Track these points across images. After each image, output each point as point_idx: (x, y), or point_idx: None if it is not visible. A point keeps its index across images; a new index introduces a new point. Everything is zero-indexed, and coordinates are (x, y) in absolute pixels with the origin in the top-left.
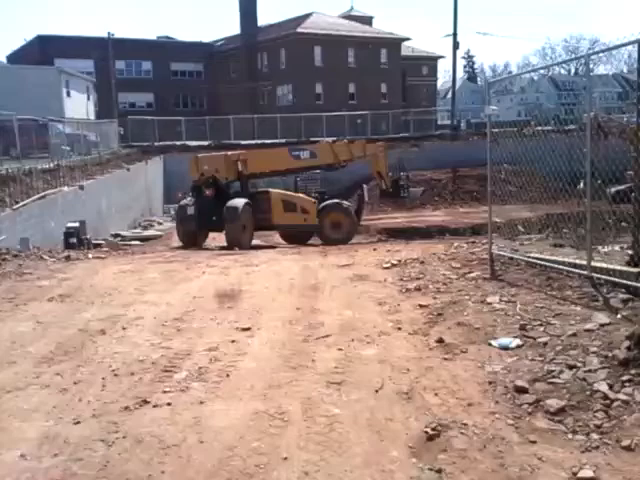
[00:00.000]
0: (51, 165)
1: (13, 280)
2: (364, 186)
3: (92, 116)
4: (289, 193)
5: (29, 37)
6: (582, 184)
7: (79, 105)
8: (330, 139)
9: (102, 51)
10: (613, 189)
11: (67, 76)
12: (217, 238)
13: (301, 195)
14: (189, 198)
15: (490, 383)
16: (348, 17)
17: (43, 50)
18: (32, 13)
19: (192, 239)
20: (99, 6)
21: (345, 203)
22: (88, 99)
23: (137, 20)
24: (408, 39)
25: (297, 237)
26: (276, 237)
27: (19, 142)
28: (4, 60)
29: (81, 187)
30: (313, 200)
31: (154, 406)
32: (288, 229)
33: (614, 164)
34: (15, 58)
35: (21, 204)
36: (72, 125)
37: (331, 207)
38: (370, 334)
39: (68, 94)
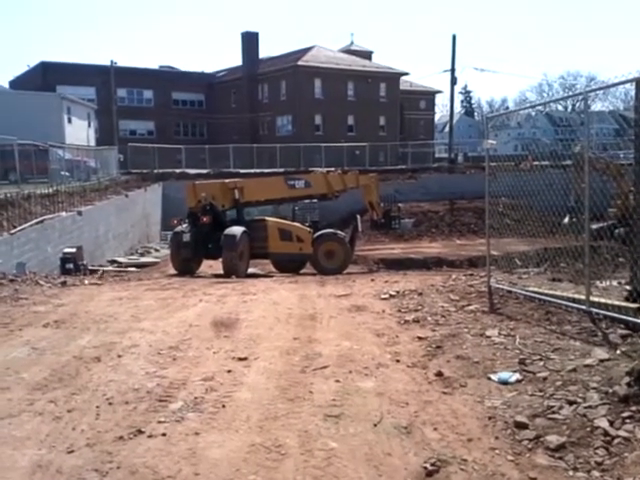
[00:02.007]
0: (50, 190)
1: (9, 305)
2: (358, 217)
3: (92, 142)
4: (285, 222)
5: (32, 63)
6: (567, 219)
7: (80, 131)
8: (325, 169)
9: (104, 79)
10: (595, 226)
11: (68, 103)
12: (214, 265)
13: (296, 224)
14: (185, 225)
15: (490, 418)
16: (348, 51)
17: (46, 77)
18: (35, 40)
19: (187, 266)
20: (103, 35)
21: (340, 233)
22: (89, 126)
23: (140, 49)
24: (406, 74)
25: (290, 266)
26: (269, 265)
27: (19, 167)
28: (7, 86)
29: (79, 213)
30: (308, 229)
31: (149, 436)
32: (284, 258)
33: (597, 200)
34: (18, 84)
35: (19, 229)
36: (72, 151)
37: (326, 236)
38: (368, 366)
39: (69, 120)
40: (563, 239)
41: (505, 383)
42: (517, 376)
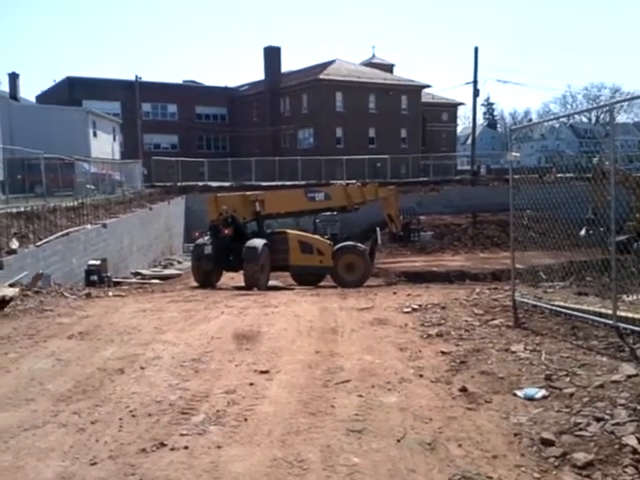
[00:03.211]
0: (75, 203)
1: (34, 316)
2: (377, 229)
3: (117, 156)
4: (306, 234)
5: (58, 78)
6: (584, 231)
7: (105, 145)
8: (344, 182)
9: (129, 93)
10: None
11: (94, 117)
12: (235, 278)
13: (317, 237)
14: (206, 237)
15: (515, 435)
16: (370, 65)
17: (72, 91)
18: (62, 55)
19: (208, 278)
20: (128, 50)
21: (360, 245)
22: (114, 139)
23: (164, 65)
24: (428, 86)
25: (309, 278)
26: (289, 277)
27: (45, 180)
28: (33, 100)
29: (104, 225)
30: (329, 242)
31: (171, 449)
32: (304, 271)
33: (616, 213)
34: (44, 98)
35: (44, 241)
36: (97, 164)
37: (346, 249)
38: (391, 381)
39: (95, 134)
40: (589, 252)
41: (531, 399)
42: (543, 392)
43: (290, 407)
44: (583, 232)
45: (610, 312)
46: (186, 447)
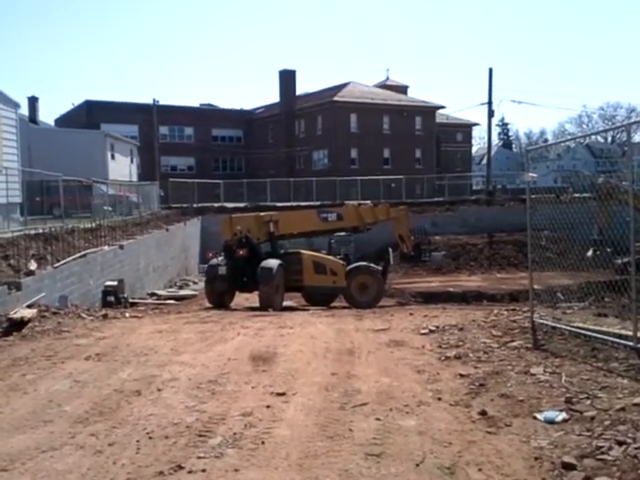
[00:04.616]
0: (93, 225)
1: (52, 337)
2: (390, 250)
3: (135, 178)
4: (319, 255)
5: (77, 102)
6: (590, 252)
7: (123, 167)
8: (356, 202)
9: (146, 117)
10: (621, 260)
11: (112, 140)
12: (250, 298)
13: (330, 257)
14: (220, 258)
15: (536, 459)
16: (384, 86)
17: (90, 115)
18: (80, 79)
19: (222, 299)
20: (145, 74)
21: (373, 266)
22: (131, 162)
23: (182, 88)
24: (442, 107)
25: (320, 299)
26: (301, 298)
27: (63, 202)
28: (53, 124)
29: (121, 247)
30: (342, 262)
31: (189, 472)
32: (318, 291)
33: (624, 232)
34: (63, 122)
35: (62, 262)
36: (115, 186)
37: (359, 270)
38: (409, 404)
39: (112, 157)
40: (607, 273)
41: (551, 422)
42: (564, 415)
43: (307, 430)
44: (590, 253)
45: (630, 333)
46: (203, 470)
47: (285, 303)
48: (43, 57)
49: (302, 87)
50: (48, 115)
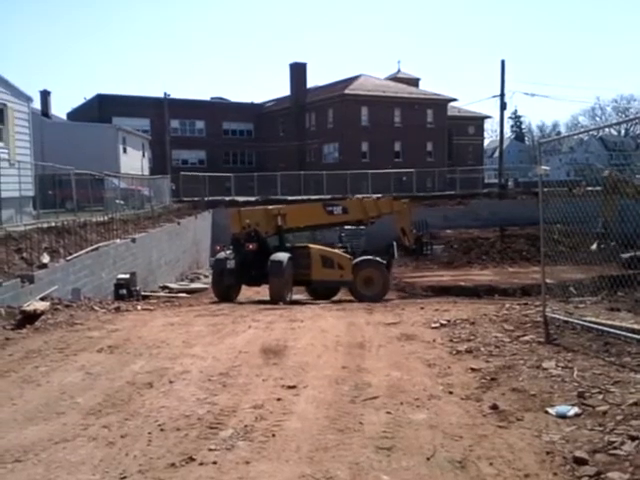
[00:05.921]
0: (105, 218)
1: (64, 330)
2: (394, 243)
3: (146, 172)
4: (326, 249)
5: (89, 96)
6: (595, 245)
7: (134, 161)
8: (360, 195)
9: (158, 110)
10: (626, 255)
11: (124, 133)
12: (261, 292)
13: (337, 251)
14: (228, 251)
15: (548, 453)
16: (395, 79)
17: (102, 109)
18: (92, 73)
19: (229, 293)
20: (157, 68)
21: (378, 259)
22: (143, 155)
23: (192, 82)
24: (454, 100)
25: (324, 292)
26: (303, 290)
27: (75, 195)
28: (65, 117)
29: (133, 240)
30: (348, 256)
31: (200, 464)
32: (325, 285)
33: (630, 226)
34: (75, 115)
35: (74, 255)
36: (127, 180)
37: (365, 263)
38: (420, 397)
39: (124, 150)
40: (613, 267)
41: (563, 417)
42: (576, 410)
43: (318, 423)
44: (594, 246)
45: None
46: (215, 462)
47: (295, 297)
48: (55, 51)
49: (313, 80)
50: (60, 109)
